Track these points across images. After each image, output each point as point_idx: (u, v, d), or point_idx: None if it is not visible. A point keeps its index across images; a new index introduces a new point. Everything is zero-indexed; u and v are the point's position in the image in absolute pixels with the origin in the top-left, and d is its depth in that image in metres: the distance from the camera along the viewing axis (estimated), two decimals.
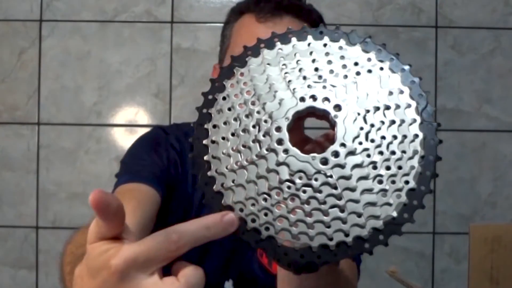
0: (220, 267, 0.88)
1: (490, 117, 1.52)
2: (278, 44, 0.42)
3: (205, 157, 0.40)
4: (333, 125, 0.40)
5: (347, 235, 0.38)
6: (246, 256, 0.88)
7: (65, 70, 1.50)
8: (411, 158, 0.38)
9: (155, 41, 1.51)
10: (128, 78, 1.51)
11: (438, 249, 1.50)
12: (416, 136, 0.39)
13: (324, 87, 0.40)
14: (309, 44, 0.42)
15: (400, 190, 0.38)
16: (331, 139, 0.49)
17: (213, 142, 0.40)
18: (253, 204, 0.39)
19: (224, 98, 0.41)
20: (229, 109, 0.41)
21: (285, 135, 0.39)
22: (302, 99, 0.40)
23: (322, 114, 0.40)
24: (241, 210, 0.39)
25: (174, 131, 0.92)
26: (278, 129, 0.40)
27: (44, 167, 1.49)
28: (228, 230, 0.37)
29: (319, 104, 0.40)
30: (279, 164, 0.39)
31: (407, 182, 0.38)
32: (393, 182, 0.38)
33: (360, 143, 0.39)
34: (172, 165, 0.87)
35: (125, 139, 1.49)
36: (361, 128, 0.39)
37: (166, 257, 0.35)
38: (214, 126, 0.41)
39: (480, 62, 1.52)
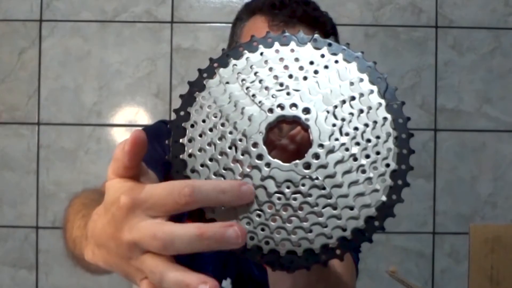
0: (218, 266, 0.88)
1: (490, 117, 1.52)
2: (232, 60, 0.42)
3: None
4: (306, 128, 0.40)
5: (344, 229, 0.38)
6: None
7: (65, 70, 1.50)
8: (386, 141, 0.39)
9: (155, 41, 1.51)
10: (128, 78, 1.51)
11: (438, 249, 1.50)
12: (385, 118, 0.40)
13: (288, 93, 0.41)
14: (261, 54, 0.42)
15: (383, 174, 0.39)
16: (295, 141, 0.49)
17: (193, 171, 0.40)
18: (248, 223, 0.39)
19: (192, 126, 0.41)
20: (200, 136, 0.40)
21: (263, 149, 0.40)
22: (271, 110, 0.40)
23: (293, 120, 0.41)
24: None
25: None
26: (255, 145, 0.40)
27: (44, 167, 1.49)
28: (243, 200, 0.37)
29: (288, 112, 0.40)
30: (264, 178, 0.39)
31: (388, 165, 0.39)
32: (375, 168, 0.39)
33: (337, 139, 0.39)
34: None
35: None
36: (334, 125, 0.40)
37: (173, 208, 0.35)
38: (190, 155, 0.40)
39: (480, 62, 1.52)
